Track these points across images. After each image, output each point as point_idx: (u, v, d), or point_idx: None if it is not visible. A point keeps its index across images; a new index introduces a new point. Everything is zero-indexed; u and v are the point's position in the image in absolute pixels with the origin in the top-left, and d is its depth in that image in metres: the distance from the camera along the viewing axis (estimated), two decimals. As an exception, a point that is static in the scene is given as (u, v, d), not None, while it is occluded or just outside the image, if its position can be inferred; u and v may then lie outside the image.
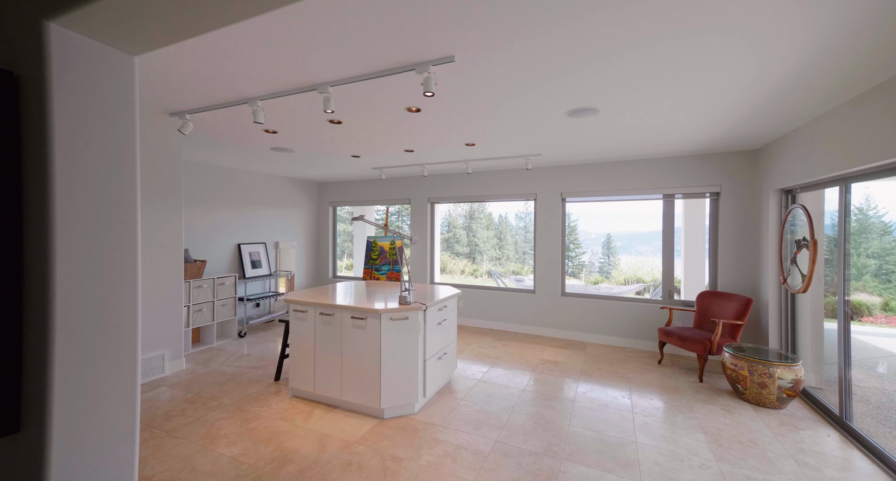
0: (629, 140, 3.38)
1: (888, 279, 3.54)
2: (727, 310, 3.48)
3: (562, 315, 4.68)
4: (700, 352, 3.23)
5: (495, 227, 15.34)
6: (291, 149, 3.80)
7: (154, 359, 3.36)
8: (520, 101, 2.41)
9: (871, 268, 3.63)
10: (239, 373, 3.51)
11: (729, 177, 3.85)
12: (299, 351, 2.95)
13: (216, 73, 2.00)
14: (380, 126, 2.96)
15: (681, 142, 3.50)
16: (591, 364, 3.78)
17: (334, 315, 2.80)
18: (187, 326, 4.05)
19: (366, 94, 2.28)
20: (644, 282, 10.32)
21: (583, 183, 4.58)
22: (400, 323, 2.69)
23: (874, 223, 3.88)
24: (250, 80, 2.08)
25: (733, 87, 2.19)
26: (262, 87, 2.18)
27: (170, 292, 3.52)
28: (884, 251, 3.58)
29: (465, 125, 2.93)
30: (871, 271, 3.65)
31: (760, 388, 2.73)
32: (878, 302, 3.66)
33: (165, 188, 3.48)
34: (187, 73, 2.00)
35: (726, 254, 3.87)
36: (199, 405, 2.87)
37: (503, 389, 3.17)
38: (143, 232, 3.30)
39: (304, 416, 2.70)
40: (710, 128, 2.99)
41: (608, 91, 2.25)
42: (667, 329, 3.63)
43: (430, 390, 2.91)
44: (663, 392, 3.10)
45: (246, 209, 5.18)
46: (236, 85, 2.15)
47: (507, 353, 4.10)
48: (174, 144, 3.53)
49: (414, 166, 4.72)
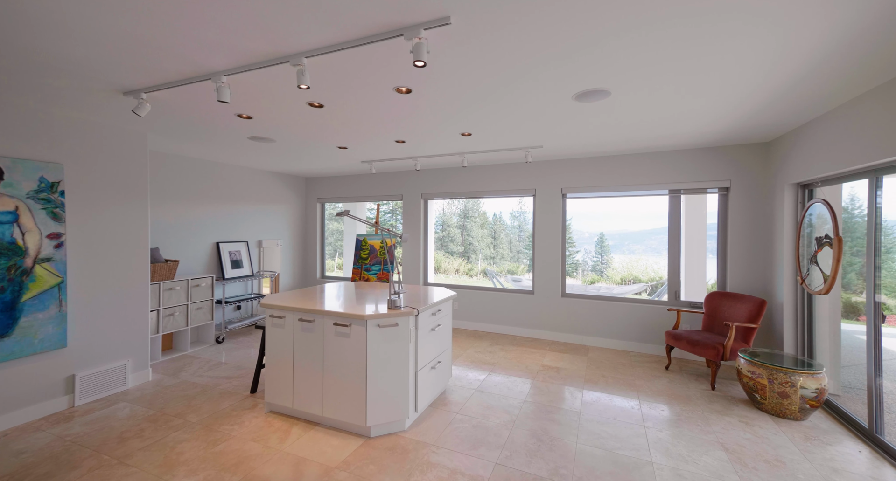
0: (638, 129, 3.14)
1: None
2: (739, 312, 3.27)
3: (562, 317, 4.44)
4: (712, 358, 3.01)
5: (489, 226, 15.16)
6: (271, 139, 3.48)
7: (113, 371, 3.01)
8: (523, 80, 2.14)
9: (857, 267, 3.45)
10: (211, 385, 3.18)
11: (739, 171, 3.64)
12: (276, 361, 2.65)
13: (163, 38, 1.69)
14: (367, 110, 2.66)
15: (690, 134, 3.27)
16: (594, 370, 3.54)
17: (315, 321, 2.50)
18: (156, 332, 3.70)
19: (348, 70, 1.98)
20: (641, 281, 10.19)
21: (584, 178, 4.34)
22: (388, 330, 2.40)
23: (858, 222, 3.74)
24: (208, 48, 1.77)
25: (751, 71, 1.95)
26: (225, 59, 1.87)
27: (133, 295, 3.17)
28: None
29: (460, 110, 2.65)
30: (855, 270, 3.48)
31: (781, 398, 2.51)
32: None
33: (128, 180, 3.13)
34: (128, 37, 1.68)
35: (736, 253, 3.66)
36: (161, 424, 2.55)
37: (502, 400, 2.91)
38: (102, 228, 2.96)
39: (280, 436, 2.40)
40: (724, 117, 2.76)
41: (622, 70, 1.99)
42: (675, 332, 3.41)
43: (423, 403, 2.63)
44: (675, 401, 2.88)
45: (226, 205, 4.83)
46: (192, 54, 1.83)
47: (505, 359, 3.85)
48: (137, 131, 3.18)
49: (406, 159, 4.43)
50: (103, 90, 2.29)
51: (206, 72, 2.01)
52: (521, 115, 2.76)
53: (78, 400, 2.80)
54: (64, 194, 2.74)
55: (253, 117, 2.82)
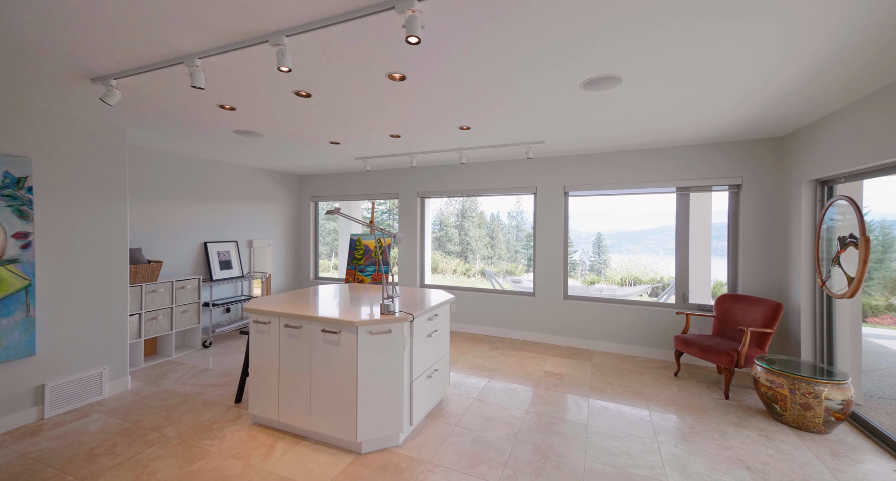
0: (649, 121, 2.96)
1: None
2: (753, 316, 3.10)
3: (564, 320, 4.26)
4: (726, 365, 2.84)
5: (487, 226, 15.02)
6: (258, 133, 3.29)
7: (87, 380, 2.82)
8: (527, 65, 1.96)
9: None
10: (194, 394, 2.99)
11: (752, 167, 3.47)
12: (261, 370, 2.46)
13: (129, 15, 1.50)
14: (358, 100, 2.48)
15: (702, 127, 3.10)
16: (600, 377, 3.36)
17: (302, 328, 2.32)
18: (138, 337, 3.51)
19: (335, 53, 1.80)
20: (642, 282, 10.04)
21: (588, 175, 4.16)
22: (381, 337, 2.22)
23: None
24: (178, 26, 1.59)
25: (774, 56, 1.78)
26: (198, 38, 1.68)
27: (111, 298, 2.98)
28: None
29: (458, 100, 2.47)
30: None
31: (804, 410, 2.34)
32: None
33: (105, 176, 2.93)
34: (89, 13, 1.49)
35: (748, 254, 3.49)
36: (136, 438, 2.35)
37: (503, 410, 2.73)
38: (76, 227, 2.76)
39: (264, 452, 2.21)
40: (740, 106, 2.59)
41: (637, 54, 1.81)
42: (685, 337, 3.24)
43: (418, 415, 2.45)
44: (687, 412, 2.70)
45: (214, 204, 4.63)
46: (161, 33, 1.64)
47: (505, 364, 3.67)
48: (115, 124, 2.99)
49: (402, 156, 4.25)
50: (68, 76, 2.09)
51: (178, 54, 1.82)
52: (524, 106, 2.58)
53: (48, 411, 2.61)
54: (32, 191, 2.55)
55: (237, 108, 2.63)
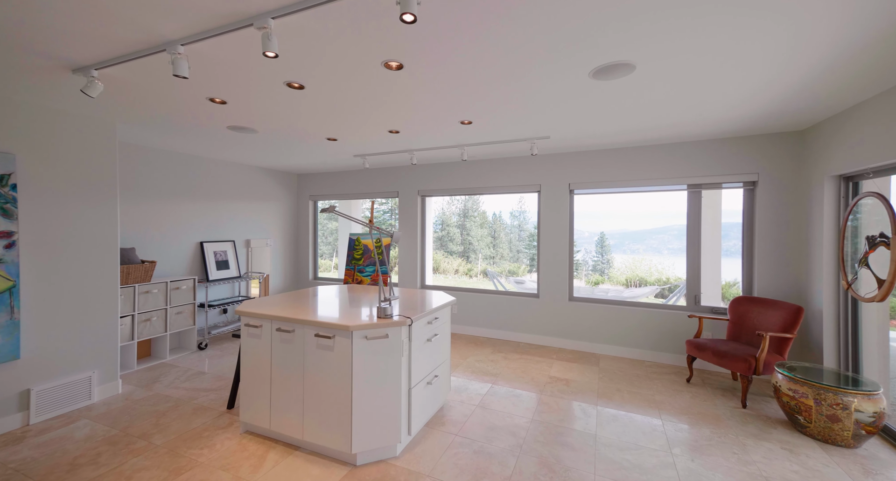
0: (661, 113, 2.81)
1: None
2: (771, 320, 2.94)
3: (570, 323, 4.12)
4: (743, 372, 2.68)
5: (489, 226, 14.91)
6: (253, 129, 3.18)
7: (75, 384, 2.72)
8: (533, 52, 1.82)
9: None
10: (186, 398, 2.89)
11: (768, 163, 3.31)
12: (252, 376, 2.34)
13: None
14: (353, 92, 2.35)
15: (716, 120, 2.94)
16: (608, 382, 3.22)
17: (295, 332, 2.20)
18: (130, 339, 3.41)
19: (326, 38, 1.67)
20: (648, 283, 9.85)
21: (594, 172, 4.01)
22: (378, 342, 2.09)
23: None
24: (157, 8, 1.47)
25: (810, 39, 1.63)
26: (179, 23, 1.56)
27: (100, 300, 2.88)
28: None
29: (459, 93, 2.34)
30: None
31: (831, 422, 2.18)
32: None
33: (94, 173, 2.83)
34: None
35: (765, 254, 3.32)
36: (122, 447, 2.25)
37: (507, 418, 2.60)
38: (63, 226, 2.66)
39: (254, 463, 2.09)
40: (759, 94, 2.43)
41: (652, 37, 1.67)
42: (698, 341, 3.08)
43: (417, 424, 2.32)
44: (703, 421, 2.55)
45: (211, 203, 4.53)
46: (141, 17, 1.53)
47: (508, 368, 3.53)
48: (105, 120, 2.89)
49: (401, 153, 4.12)
50: (49, 67, 1.98)
51: (160, 40, 1.70)
52: (529, 98, 2.44)
53: (34, 417, 2.51)
54: (16, 188, 2.45)
55: (227, 102, 2.51)
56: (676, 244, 13.69)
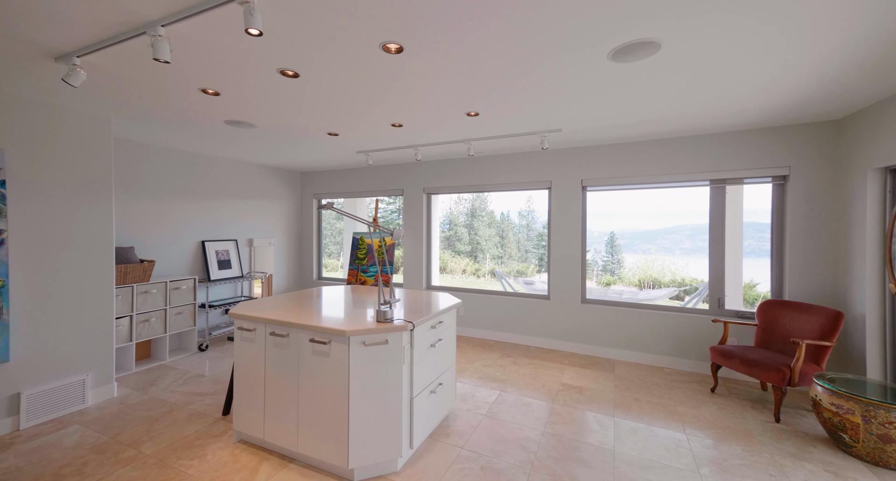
0: (684, 100, 2.60)
1: None
2: (807, 326, 2.70)
3: (583, 326, 3.91)
4: (776, 383, 2.45)
5: (497, 225, 14.72)
6: (251, 123, 3.06)
7: (68, 388, 2.63)
8: (545, 33, 1.64)
9: None
10: (182, 403, 2.78)
11: (801, 155, 3.06)
12: (246, 382, 2.21)
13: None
14: (351, 80, 2.20)
15: (744, 110, 2.71)
16: (625, 391, 3.01)
17: (289, 336, 2.06)
18: (129, 340, 3.33)
19: (316, 17, 1.52)
20: (663, 284, 9.54)
21: (608, 168, 3.80)
22: (376, 348, 1.94)
23: None
24: (129, -18, 1.33)
25: (860, 12, 1.41)
26: (157, 1, 1.43)
27: (95, 300, 2.78)
28: None
29: (463, 79, 2.17)
30: None
31: (882, 442, 1.94)
32: None
33: (88, 170, 2.74)
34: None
35: (797, 254, 3.07)
36: (110, 456, 2.14)
37: (517, 430, 2.42)
38: (55, 224, 2.57)
39: (246, 476, 1.96)
40: (790, 76, 2.21)
41: (682, 9, 1.47)
42: (724, 348, 2.86)
43: (419, 436, 2.16)
44: (732, 437, 2.33)
45: (213, 201, 4.45)
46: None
47: (518, 374, 3.35)
48: (99, 114, 2.79)
49: (405, 149, 3.96)
50: (31, 55, 1.87)
51: (140, 21, 1.57)
52: (540, 85, 2.26)
53: (24, 422, 2.43)
54: (5, 185, 2.36)
55: (221, 93, 2.38)
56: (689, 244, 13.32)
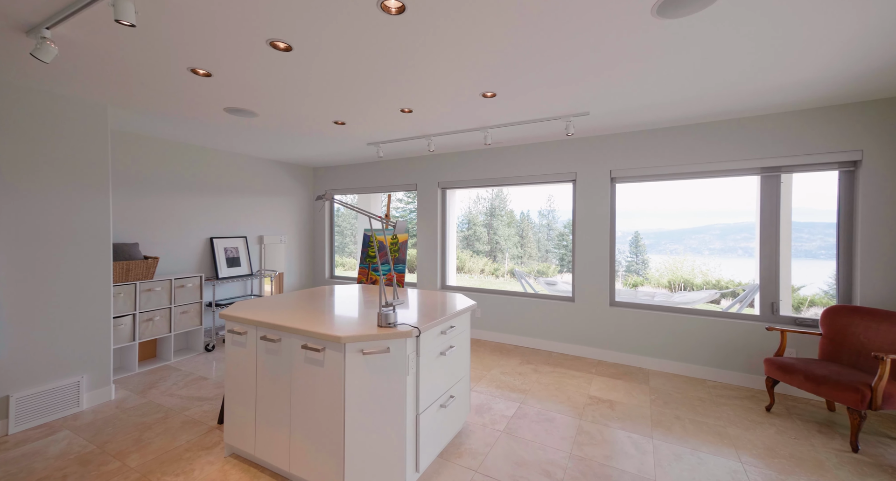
0: (735, 72, 2.23)
1: None
2: (889, 337, 2.27)
3: (612, 331, 3.55)
4: (853, 405, 2.05)
5: (517, 225, 14.38)
6: (251, 111, 2.87)
7: (62, 390, 2.50)
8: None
9: None
10: (178, 409, 2.62)
11: (876, 137, 2.61)
12: (237, 391, 2.00)
13: None
14: (350, 52, 1.96)
15: (808, 81, 2.31)
16: (663, 407, 2.65)
17: (281, 341, 1.83)
18: (131, 340, 3.21)
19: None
20: (694, 286, 8.94)
21: (641, 157, 3.42)
22: (377, 357, 1.68)
23: None
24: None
25: None
26: (115, -52, 1.22)
27: (91, 299, 2.66)
28: None
29: (479, 51, 1.88)
30: None
31: None
32: None
33: (83, 161, 2.62)
34: None
35: (871, 253, 2.63)
36: (92, 468, 1.97)
37: (539, 451, 2.11)
38: (46, 219, 2.46)
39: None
40: (879, 26, 1.81)
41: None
42: (783, 361, 2.45)
43: (427, 457, 1.89)
44: (800, 469, 1.95)
45: (221, 197, 4.33)
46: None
47: (539, 384, 3.03)
48: (95, 102, 2.67)
49: (418, 139, 3.71)
50: (1, 29, 1.73)
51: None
52: (565, 56, 1.94)
53: (13, 426, 2.31)
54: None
55: (213, 74, 2.19)
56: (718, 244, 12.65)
